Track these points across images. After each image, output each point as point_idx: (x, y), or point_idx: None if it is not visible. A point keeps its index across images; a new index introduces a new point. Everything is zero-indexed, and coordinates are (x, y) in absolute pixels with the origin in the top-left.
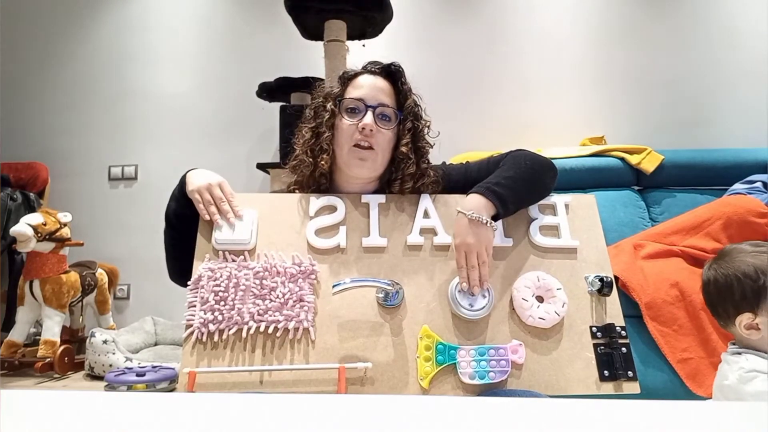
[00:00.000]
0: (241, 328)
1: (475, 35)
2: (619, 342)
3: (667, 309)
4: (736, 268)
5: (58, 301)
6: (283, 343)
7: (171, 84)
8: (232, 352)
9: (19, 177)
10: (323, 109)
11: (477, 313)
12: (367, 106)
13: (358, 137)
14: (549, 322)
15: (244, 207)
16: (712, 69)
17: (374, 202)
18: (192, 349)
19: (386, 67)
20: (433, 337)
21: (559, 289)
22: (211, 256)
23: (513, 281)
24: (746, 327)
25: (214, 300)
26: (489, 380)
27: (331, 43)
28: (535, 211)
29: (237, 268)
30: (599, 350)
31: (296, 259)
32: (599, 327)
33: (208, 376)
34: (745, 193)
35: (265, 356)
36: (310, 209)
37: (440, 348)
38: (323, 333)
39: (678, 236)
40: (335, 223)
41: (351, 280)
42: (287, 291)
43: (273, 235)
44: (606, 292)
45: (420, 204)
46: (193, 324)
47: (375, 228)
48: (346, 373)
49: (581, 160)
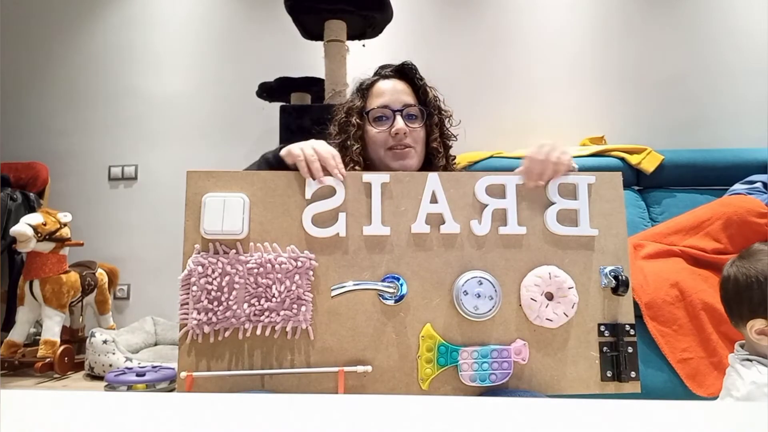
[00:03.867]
0: (237, 329)
1: (474, 35)
2: (625, 341)
3: (667, 309)
4: (759, 270)
5: (58, 301)
6: (282, 344)
7: (171, 84)
8: (231, 353)
9: (19, 177)
10: (348, 124)
11: (482, 315)
12: (394, 112)
13: (392, 143)
14: (557, 323)
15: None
16: (712, 69)
17: (377, 182)
18: (189, 350)
19: (399, 68)
20: (436, 338)
21: (571, 288)
22: (200, 247)
23: (524, 275)
24: (757, 332)
25: (206, 300)
26: (490, 382)
27: (331, 43)
28: (554, 194)
29: (229, 263)
30: (605, 350)
31: (293, 253)
32: (607, 325)
33: (206, 379)
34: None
35: (264, 358)
36: (307, 192)
37: (442, 349)
38: (322, 332)
39: (678, 236)
40: (334, 208)
41: (352, 283)
42: (284, 289)
43: (266, 222)
44: (621, 292)
45: (427, 186)
46: (187, 324)
47: (377, 214)
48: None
49: (581, 160)
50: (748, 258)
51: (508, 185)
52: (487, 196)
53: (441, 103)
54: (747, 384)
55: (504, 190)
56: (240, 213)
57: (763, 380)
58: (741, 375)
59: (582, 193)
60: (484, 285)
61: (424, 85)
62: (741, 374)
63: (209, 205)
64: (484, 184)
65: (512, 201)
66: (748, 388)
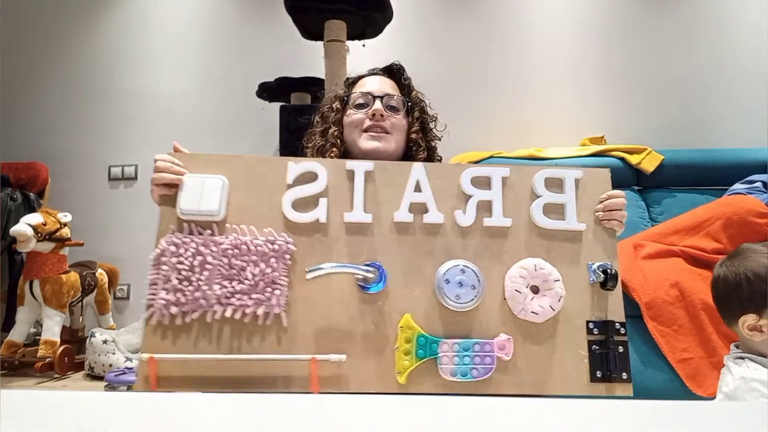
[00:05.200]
0: (206, 311)
1: (475, 35)
2: (616, 340)
3: (667, 309)
4: (747, 268)
5: (58, 301)
6: (253, 329)
7: (171, 84)
8: (197, 338)
9: (19, 177)
10: (330, 110)
11: (464, 305)
12: (374, 97)
13: (369, 123)
14: (543, 316)
15: (211, 172)
16: (713, 69)
17: (360, 170)
18: (154, 332)
19: (387, 67)
20: (415, 329)
21: (557, 281)
22: (175, 228)
23: (508, 267)
24: (749, 328)
25: (177, 279)
26: (471, 378)
27: (331, 43)
28: (541, 187)
29: (203, 244)
30: (594, 348)
31: (270, 236)
32: (597, 323)
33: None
34: (745, 193)
35: (233, 343)
36: (288, 176)
37: (421, 341)
38: (296, 319)
39: (678, 236)
40: (315, 193)
41: (330, 265)
42: (258, 272)
43: (245, 205)
44: (610, 286)
45: (411, 175)
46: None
47: (359, 201)
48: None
49: (581, 160)
50: (736, 257)
51: (494, 176)
52: (472, 186)
53: (426, 105)
54: (736, 379)
55: (489, 181)
56: (218, 194)
57: (751, 375)
58: (731, 371)
59: (569, 187)
60: (466, 273)
61: (410, 85)
62: (732, 371)
63: (187, 184)
64: (469, 175)
65: (498, 192)
66: (736, 383)
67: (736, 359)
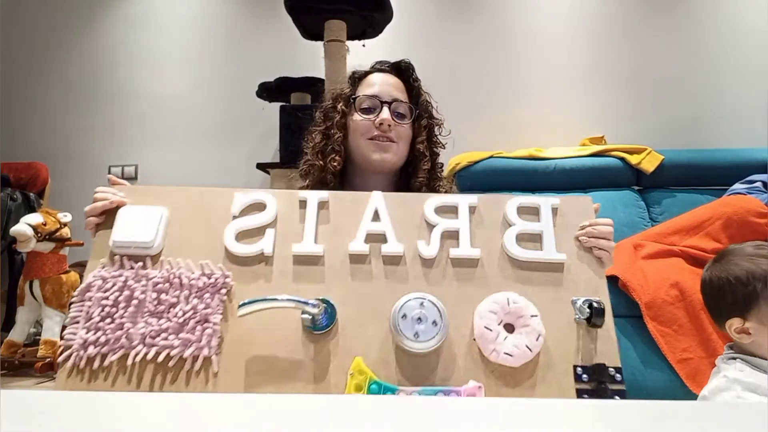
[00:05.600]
0: (127, 353)
1: (475, 35)
2: (611, 389)
3: (667, 309)
4: (729, 272)
5: (58, 301)
6: (178, 374)
7: (171, 84)
8: (114, 384)
9: (19, 177)
10: (334, 110)
11: (424, 345)
12: (382, 103)
13: (376, 133)
14: (518, 359)
15: (154, 204)
16: (712, 68)
17: (313, 199)
18: (66, 378)
19: (396, 64)
20: (366, 374)
21: (534, 317)
22: (106, 261)
23: (477, 303)
24: (737, 331)
25: (99, 316)
26: None
27: (331, 43)
28: (513, 215)
29: (134, 277)
30: (584, 399)
31: (206, 269)
32: (586, 368)
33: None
34: (745, 193)
35: (154, 388)
36: (234, 207)
37: (374, 388)
38: (229, 364)
39: (678, 236)
40: (262, 224)
41: (264, 298)
42: (189, 308)
43: (185, 238)
44: (596, 323)
45: (369, 203)
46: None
47: (311, 232)
48: None
49: (581, 160)
50: (720, 261)
51: (461, 205)
52: (436, 215)
53: (433, 109)
54: (719, 377)
55: (456, 210)
56: (155, 225)
57: (734, 376)
58: (720, 370)
59: (545, 215)
60: (425, 307)
61: (419, 87)
62: (721, 370)
63: (121, 215)
64: (433, 203)
65: (465, 221)
66: (719, 381)
67: (728, 360)
